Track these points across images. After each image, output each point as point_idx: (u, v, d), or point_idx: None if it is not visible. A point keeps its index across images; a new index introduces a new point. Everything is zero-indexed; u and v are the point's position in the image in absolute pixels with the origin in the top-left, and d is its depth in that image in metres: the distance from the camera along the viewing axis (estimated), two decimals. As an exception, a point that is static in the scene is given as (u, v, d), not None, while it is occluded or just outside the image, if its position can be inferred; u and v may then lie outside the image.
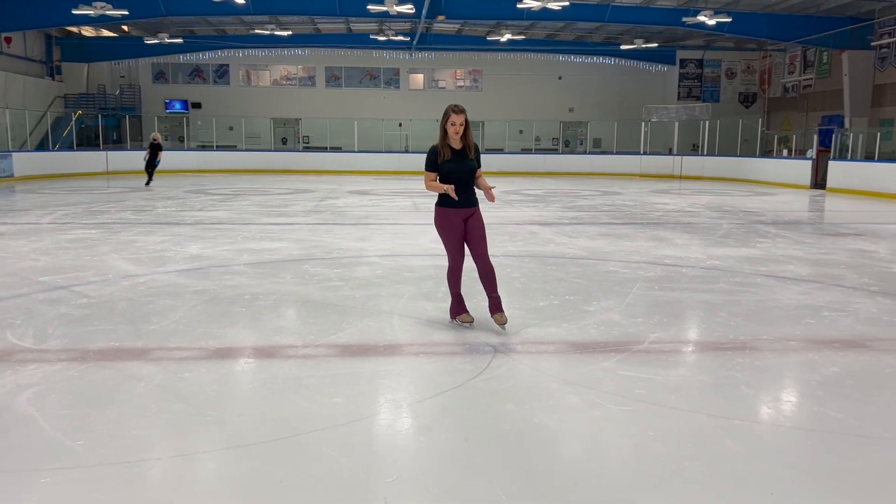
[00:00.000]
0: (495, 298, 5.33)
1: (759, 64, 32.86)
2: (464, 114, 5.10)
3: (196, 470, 3.17)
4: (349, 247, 9.63)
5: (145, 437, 3.46)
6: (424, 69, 33.81)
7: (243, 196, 17.88)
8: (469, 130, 5.18)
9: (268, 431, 3.53)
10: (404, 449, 3.40)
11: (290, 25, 28.97)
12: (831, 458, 3.29)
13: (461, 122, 5.07)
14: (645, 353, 4.90)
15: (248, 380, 4.39)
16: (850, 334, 5.38)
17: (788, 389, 4.31)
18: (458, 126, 5.07)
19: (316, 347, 4.96)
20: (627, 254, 9.13)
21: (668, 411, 3.84)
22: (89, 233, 10.70)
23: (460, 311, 5.49)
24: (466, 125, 5.13)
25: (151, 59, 31.90)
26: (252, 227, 11.67)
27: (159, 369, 4.44)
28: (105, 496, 2.90)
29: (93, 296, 6.49)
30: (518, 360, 4.69)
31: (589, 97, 33.95)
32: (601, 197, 18.85)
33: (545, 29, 30.26)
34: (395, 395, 4.11)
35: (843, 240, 10.77)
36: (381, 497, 2.90)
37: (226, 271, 7.74)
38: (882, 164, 20.09)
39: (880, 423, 3.69)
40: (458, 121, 5.05)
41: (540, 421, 3.71)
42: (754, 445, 3.42)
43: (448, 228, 5.28)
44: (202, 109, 32.87)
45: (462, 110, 5.11)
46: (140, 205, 15.26)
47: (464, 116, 5.09)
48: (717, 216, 14.04)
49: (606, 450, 3.40)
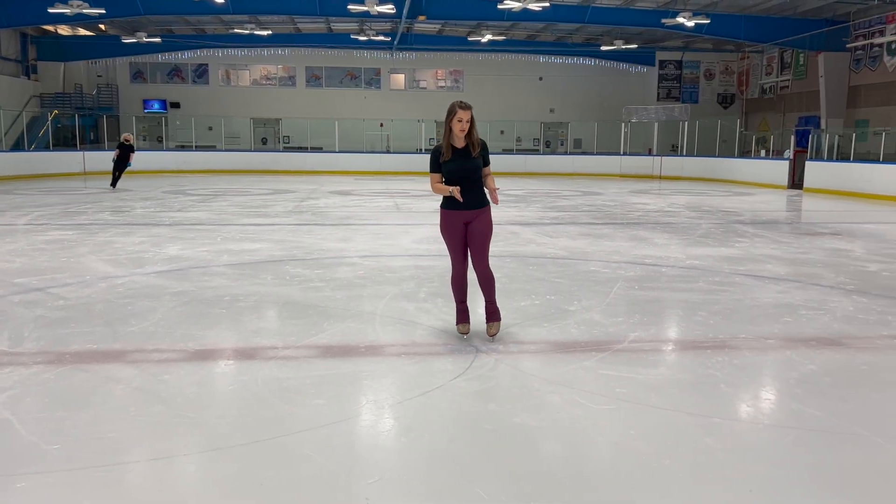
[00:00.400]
0: (491, 308, 5.13)
1: (738, 65, 33.20)
2: (470, 110, 4.83)
3: (176, 473, 3.14)
4: (330, 247, 9.59)
5: (124, 440, 3.42)
6: (405, 69, 33.77)
7: (223, 197, 17.75)
8: (474, 127, 4.93)
9: (248, 433, 3.51)
10: (386, 450, 3.39)
11: (269, 25, 28.80)
12: (809, 456, 3.33)
13: (468, 118, 4.81)
14: (625, 352, 4.93)
15: (228, 382, 4.35)
16: (827, 332, 5.45)
17: (767, 387, 4.36)
18: (465, 123, 4.80)
19: (297, 349, 4.93)
20: (608, 253, 9.18)
21: (648, 410, 3.86)
22: (66, 234, 10.57)
23: (459, 319, 5.22)
24: (472, 122, 4.89)
25: (129, 58, 31.57)
26: (232, 227, 11.59)
27: (138, 372, 4.39)
28: (83, 500, 2.87)
29: (70, 298, 6.41)
30: (500, 360, 4.70)
31: (569, 98, 34.10)
32: (582, 197, 18.94)
33: (526, 30, 30.35)
34: (377, 395, 4.10)
35: (819, 239, 10.91)
36: (363, 498, 2.89)
37: (205, 272, 7.68)
38: (857, 164, 20.37)
39: (857, 420, 3.74)
40: (465, 117, 4.79)
41: (522, 420, 3.71)
42: (734, 443, 3.46)
43: (449, 232, 5.04)
44: (181, 109, 32.58)
45: (469, 106, 4.84)
46: (118, 206, 15.10)
47: (470, 113, 4.83)
48: (696, 216, 14.16)
49: (588, 449, 3.41)
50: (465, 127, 4.83)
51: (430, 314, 5.92)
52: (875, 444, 3.43)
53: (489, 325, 5.12)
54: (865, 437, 3.52)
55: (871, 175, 19.27)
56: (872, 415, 3.83)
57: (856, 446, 3.42)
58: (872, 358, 4.83)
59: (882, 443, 3.44)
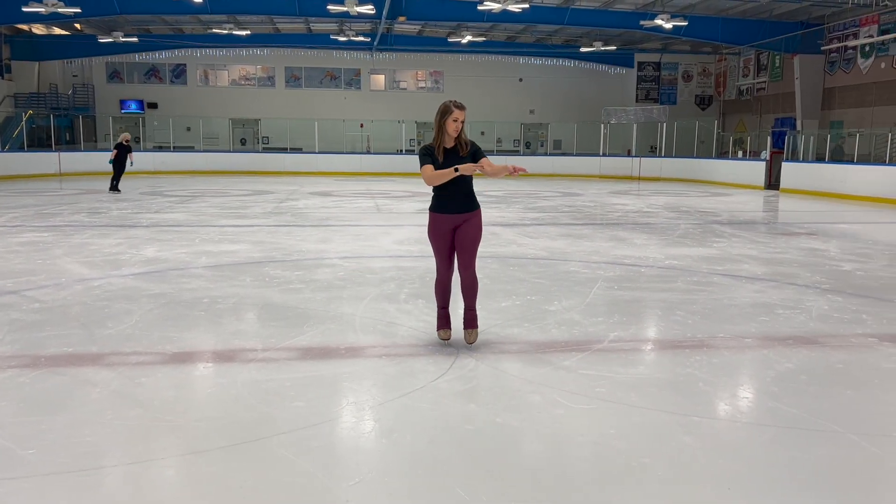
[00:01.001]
0: (470, 315, 5.03)
1: (715, 67, 33.53)
2: (465, 110, 4.72)
3: (153, 477, 3.10)
4: (310, 249, 9.55)
5: (100, 444, 3.38)
6: (386, 70, 33.72)
7: (201, 198, 17.60)
8: (463, 131, 4.80)
9: (227, 436, 3.48)
10: (367, 452, 3.37)
11: (248, 25, 28.61)
12: (787, 453, 3.36)
13: (463, 118, 4.70)
14: (605, 351, 4.95)
15: (206, 384, 4.32)
16: (803, 331, 5.51)
17: (744, 386, 4.40)
18: (460, 123, 4.69)
19: (276, 351, 4.90)
20: (587, 254, 9.23)
21: (628, 409, 3.89)
22: (41, 236, 10.42)
23: (441, 325, 5.13)
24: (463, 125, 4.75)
25: (105, 58, 31.21)
26: (210, 229, 11.49)
27: (115, 375, 4.34)
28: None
29: (45, 300, 6.32)
30: (480, 361, 4.70)
31: (549, 99, 34.25)
32: (562, 198, 19.02)
33: (506, 31, 30.43)
34: (357, 397, 4.08)
35: (795, 239, 11.04)
36: (343, 501, 2.88)
37: (183, 274, 7.61)
38: (832, 164, 20.66)
39: (832, 417, 3.79)
40: (461, 117, 4.68)
41: (503, 421, 3.72)
42: (712, 441, 3.49)
43: (436, 236, 4.91)
44: (158, 110, 32.28)
45: (464, 107, 4.72)
46: (94, 207, 14.92)
47: (465, 113, 4.72)
48: (674, 216, 14.27)
49: (568, 448, 3.42)
50: (460, 127, 4.72)
51: (411, 315, 5.91)
52: (850, 442, 3.47)
53: (467, 332, 5.03)
54: (841, 434, 3.57)
55: (844, 176, 19.56)
56: (848, 412, 3.88)
57: (832, 444, 3.46)
58: (847, 356, 4.89)
59: (857, 440, 3.49)
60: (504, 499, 2.90)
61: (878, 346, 5.13)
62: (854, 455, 3.35)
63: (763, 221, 14.31)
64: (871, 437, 3.52)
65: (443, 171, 4.66)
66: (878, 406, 4.01)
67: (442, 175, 4.67)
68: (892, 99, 22.58)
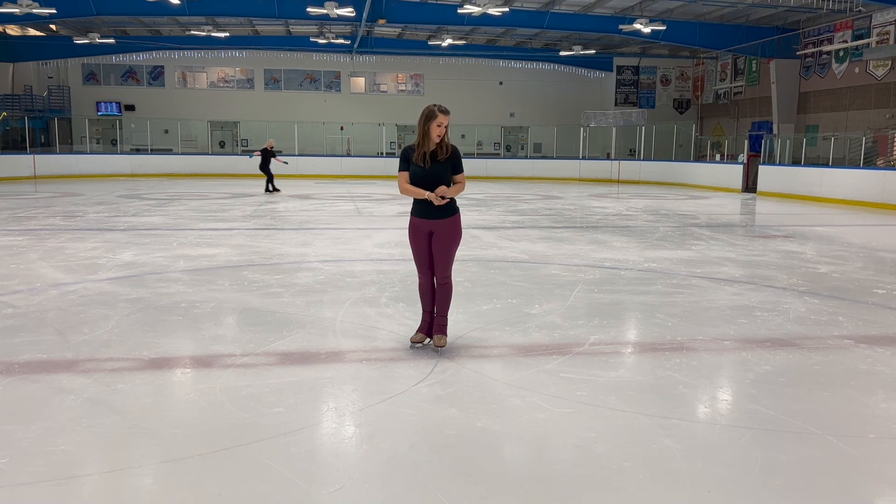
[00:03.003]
0: (441, 321, 5.00)
1: (693, 71, 33.85)
2: (449, 115, 4.70)
3: (130, 485, 3.05)
4: (290, 252, 9.49)
5: (76, 453, 3.32)
6: (366, 73, 33.64)
7: (179, 201, 17.44)
8: (446, 136, 4.76)
9: (205, 443, 3.44)
10: (347, 457, 3.35)
11: (227, 27, 28.42)
12: (764, 454, 3.39)
13: (447, 123, 4.68)
14: (586, 354, 4.97)
15: (184, 390, 4.26)
16: (781, 333, 5.57)
17: (724, 388, 4.43)
18: (444, 128, 4.66)
19: (256, 356, 4.85)
20: (568, 257, 9.26)
21: (608, 412, 3.89)
22: (15, 240, 10.27)
23: (420, 328, 5.12)
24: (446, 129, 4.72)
25: (81, 59, 30.81)
26: (189, 232, 11.39)
27: (90, 381, 4.27)
28: (32, 516, 2.78)
29: (19, 306, 6.22)
30: (462, 365, 4.69)
31: (529, 102, 34.35)
32: (542, 201, 19.08)
33: (486, 34, 30.49)
34: (338, 402, 4.05)
35: (773, 242, 11.16)
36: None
37: (161, 278, 7.53)
38: (807, 168, 20.94)
39: (810, 418, 3.82)
40: (445, 122, 4.65)
41: (484, 425, 3.71)
42: (691, 443, 3.50)
43: (412, 240, 4.92)
44: (136, 112, 31.93)
45: (448, 111, 4.70)
46: (70, 210, 14.72)
47: (449, 118, 4.69)
48: (653, 219, 14.37)
49: (549, 451, 3.42)
50: (444, 132, 4.70)
51: (392, 319, 5.89)
52: (827, 443, 3.51)
53: (436, 337, 5.00)
54: (818, 435, 3.60)
55: (820, 179, 19.82)
56: (824, 414, 3.92)
57: (809, 445, 3.49)
58: (824, 358, 4.95)
59: (834, 441, 3.52)
60: (485, 503, 2.90)
61: (854, 347, 5.19)
62: (831, 457, 3.38)
63: (740, 224, 14.44)
64: (847, 439, 3.56)
65: (416, 190, 4.74)
66: (853, 408, 4.05)
67: (414, 192, 4.75)
68: (865, 103, 22.94)
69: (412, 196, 4.80)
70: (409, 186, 4.79)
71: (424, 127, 4.69)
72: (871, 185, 18.09)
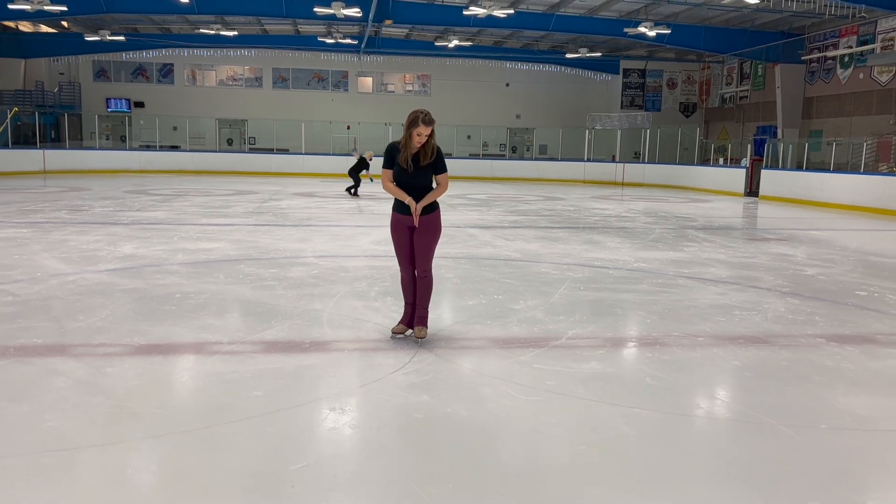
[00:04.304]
0: (421, 313, 5.15)
1: (699, 75, 33.90)
2: (433, 126, 4.75)
3: (108, 460, 3.23)
4: (287, 248, 9.67)
5: (60, 430, 3.50)
6: (373, 73, 33.87)
7: (185, 197, 17.68)
8: (432, 137, 4.84)
9: (184, 423, 3.61)
10: (316, 437, 3.52)
11: (236, 25, 28.71)
12: (720, 444, 3.54)
13: (428, 134, 4.75)
14: (561, 348, 5.12)
15: (169, 375, 4.44)
16: (756, 331, 5.70)
17: (689, 381, 4.56)
18: (424, 138, 4.76)
19: (242, 344, 5.03)
20: (560, 256, 9.40)
21: (573, 401, 4.05)
22: (20, 232, 10.50)
23: (402, 320, 5.29)
24: (431, 135, 4.81)
25: (92, 56, 31.20)
26: (190, 227, 11.60)
27: (81, 365, 4.46)
28: (14, 487, 2.95)
29: (19, 294, 6.43)
30: (440, 356, 4.85)
31: (535, 104, 34.50)
32: (543, 202, 19.22)
33: (493, 36, 30.67)
34: (316, 388, 4.22)
35: (766, 244, 11.27)
36: (288, 483, 3.02)
37: (158, 270, 7.73)
38: (809, 172, 20.99)
39: (767, 410, 3.97)
40: (426, 132, 4.74)
41: (451, 410, 3.87)
42: (648, 431, 3.65)
43: (394, 235, 5.09)
44: (145, 109, 32.27)
45: (433, 122, 4.75)
46: (76, 204, 14.97)
47: (432, 128, 4.76)
48: (651, 221, 14.49)
49: (508, 435, 3.58)
50: (423, 141, 4.81)
51: (379, 312, 6.05)
52: (783, 434, 3.65)
53: (417, 329, 5.15)
54: (772, 425, 3.74)
55: (821, 184, 19.87)
56: (782, 406, 4.06)
57: (766, 436, 3.63)
58: (793, 355, 5.08)
59: (790, 433, 3.66)
60: (440, 479, 3.06)
61: (825, 345, 5.32)
62: (784, 447, 3.51)
63: (737, 227, 14.54)
64: (799, 430, 3.70)
65: (399, 191, 4.92)
66: (812, 401, 4.19)
67: (396, 193, 4.94)
68: (869, 109, 22.97)
69: (395, 196, 4.99)
70: (393, 187, 4.98)
71: (407, 132, 4.82)
72: (871, 190, 18.14)
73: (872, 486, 3.15)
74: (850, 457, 3.41)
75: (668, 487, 3.07)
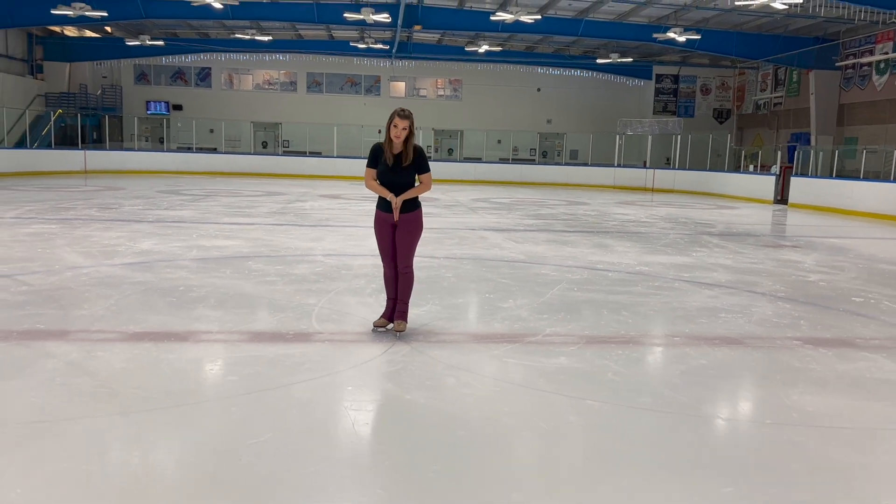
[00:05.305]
0: (402, 308, 5.32)
1: (734, 81, 33.53)
2: (409, 119, 4.96)
3: (79, 432, 3.49)
4: (299, 246, 9.96)
5: (41, 404, 3.79)
6: (405, 77, 34.26)
7: (213, 197, 18.18)
8: (412, 136, 5.05)
9: (157, 401, 3.87)
10: (276, 418, 3.73)
11: (271, 31, 29.35)
12: (657, 432, 3.66)
13: (404, 126, 4.95)
14: (536, 343, 5.27)
15: (154, 359, 4.69)
16: (735, 333, 5.77)
17: (650, 376, 4.69)
18: (401, 130, 4.95)
19: (230, 333, 5.29)
20: (563, 259, 9.52)
21: (531, 392, 4.21)
22: (49, 227, 10.99)
23: (383, 314, 5.47)
24: (410, 132, 5.00)
25: (134, 60, 32.18)
26: (211, 225, 11.99)
27: (74, 349, 4.77)
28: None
29: (34, 284, 6.80)
30: (415, 348, 5.04)
31: (567, 109, 34.51)
32: (566, 206, 19.28)
33: (524, 41, 30.82)
34: (288, 375, 4.44)
35: (777, 251, 11.21)
36: (240, 457, 3.24)
37: (169, 265, 8.06)
38: (839, 180, 20.67)
39: (719, 406, 4.08)
40: (402, 125, 4.95)
41: (412, 397, 4.07)
42: (594, 421, 3.80)
43: (378, 231, 5.30)
44: (183, 111, 33.15)
45: (408, 116, 4.97)
46: (107, 203, 15.54)
47: (408, 122, 4.96)
48: (668, 227, 14.47)
49: (460, 421, 3.75)
50: (401, 135, 5.00)
51: (370, 308, 6.26)
52: (720, 426, 3.76)
53: (396, 322, 5.33)
54: (718, 419, 3.85)
55: (851, 192, 19.56)
56: (736, 402, 4.16)
57: (705, 427, 3.75)
58: (764, 356, 5.15)
59: (730, 426, 3.79)
60: (385, 457, 3.25)
61: (800, 347, 5.37)
62: (717, 437, 3.63)
63: (755, 234, 14.43)
64: (743, 423, 3.81)
65: (381, 188, 5.15)
66: (767, 398, 4.27)
67: (378, 190, 5.17)
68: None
69: (377, 193, 5.22)
70: (375, 184, 5.21)
71: (388, 130, 5.06)
72: (901, 198, 17.80)
73: (791, 475, 3.23)
74: (782, 450, 3.50)
75: (596, 473, 3.22)
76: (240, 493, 2.90)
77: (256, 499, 2.85)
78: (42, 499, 2.82)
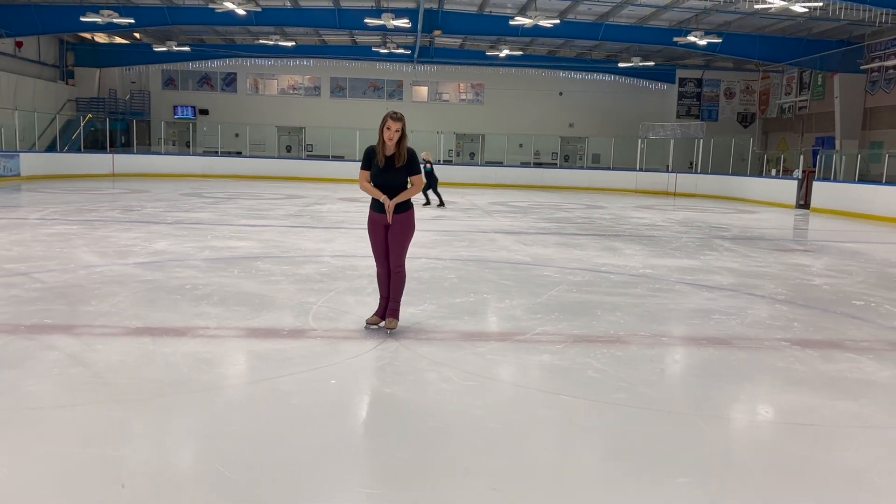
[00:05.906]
0: (393, 306, 5.46)
1: (758, 85, 33.22)
2: (401, 122, 5.08)
3: (65, 418, 3.68)
4: (309, 247, 10.16)
5: (37, 392, 3.99)
6: (428, 82, 34.49)
7: (234, 200, 18.51)
8: (405, 139, 5.19)
9: (146, 392, 4.05)
10: (251, 409, 3.89)
11: (295, 36, 29.76)
12: (624, 426, 3.76)
13: (397, 128, 5.07)
14: (523, 342, 5.37)
15: (150, 353, 4.88)
16: (724, 334, 5.81)
17: (628, 374, 4.74)
18: (394, 132, 5.06)
19: (227, 330, 5.48)
20: (569, 261, 9.59)
21: (507, 387, 4.32)
22: (70, 228, 11.34)
23: (376, 312, 5.61)
24: (403, 133, 5.14)
25: (161, 65, 32.85)
26: (226, 227, 12.26)
27: (76, 342, 4.98)
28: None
29: (47, 281, 7.07)
30: (403, 345, 5.17)
31: (589, 113, 34.45)
32: (583, 210, 19.29)
33: (545, 45, 30.86)
34: (276, 369, 4.59)
35: (787, 255, 11.16)
36: (218, 443, 3.40)
37: (180, 265, 8.30)
38: (860, 185, 20.40)
39: (690, 403, 4.15)
40: (395, 127, 5.06)
41: (391, 391, 4.20)
42: (562, 415, 3.90)
43: (371, 231, 5.44)
44: (209, 116, 33.72)
45: (400, 118, 5.10)
46: (130, 205, 15.93)
47: (401, 125, 5.08)
48: (682, 231, 14.44)
49: (432, 412, 3.87)
50: (394, 136, 5.14)
51: (367, 307, 6.38)
52: (688, 421, 3.84)
53: (388, 320, 5.48)
54: (685, 415, 3.93)
55: (873, 196, 19.30)
56: (708, 400, 4.22)
57: (670, 422, 3.83)
58: (748, 356, 5.20)
59: (696, 420, 3.85)
60: (360, 448, 3.39)
61: (787, 349, 5.40)
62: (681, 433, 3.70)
63: (769, 238, 14.33)
64: (711, 419, 3.88)
65: (374, 190, 5.29)
66: (742, 397, 4.34)
67: (372, 192, 5.30)
68: (931, 120, 22.14)
69: (370, 195, 5.36)
70: (369, 186, 5.37)
71: (381, 132, 5.20)
72: (924, 203, 17.53)
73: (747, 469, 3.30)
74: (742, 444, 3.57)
75: (557, 463, 3.32)
76: (217, 475, 3.06)
77: (231, 481, 3.01)
78: (28, 479, 3.00)
